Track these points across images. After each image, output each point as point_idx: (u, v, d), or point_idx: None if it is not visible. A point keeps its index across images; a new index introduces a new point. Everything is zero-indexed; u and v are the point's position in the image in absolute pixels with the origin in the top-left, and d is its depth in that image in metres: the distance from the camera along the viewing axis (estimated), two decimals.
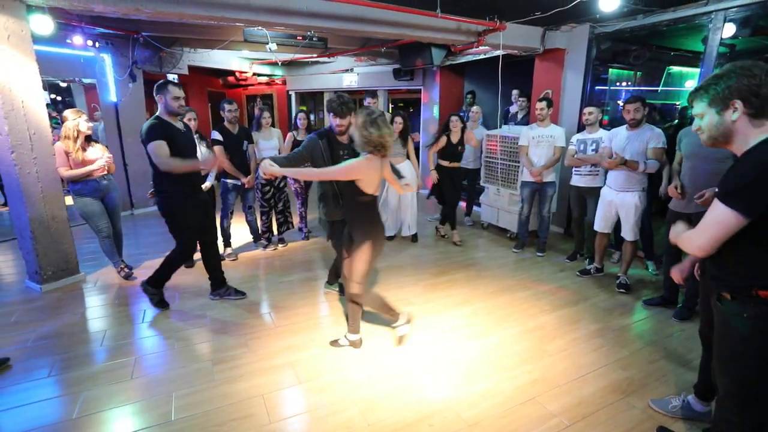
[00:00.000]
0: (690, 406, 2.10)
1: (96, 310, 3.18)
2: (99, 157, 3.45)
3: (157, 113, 2.91)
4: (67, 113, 3.33)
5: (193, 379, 2.37)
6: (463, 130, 4.66)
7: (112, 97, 5.68)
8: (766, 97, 1.27)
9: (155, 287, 3.15)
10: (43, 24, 3.29)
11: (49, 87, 7.23)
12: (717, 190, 1.35)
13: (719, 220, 1.28)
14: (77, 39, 4.70)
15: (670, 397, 2.19)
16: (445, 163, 4.72)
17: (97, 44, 5.07)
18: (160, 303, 3.17)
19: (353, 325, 2.67)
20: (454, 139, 4.63)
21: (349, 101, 2.69)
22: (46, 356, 2.55)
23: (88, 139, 3.45)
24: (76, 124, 3.30)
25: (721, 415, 1.51)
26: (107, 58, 5.51)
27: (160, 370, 2.45)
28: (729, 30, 3.60)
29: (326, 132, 2.79)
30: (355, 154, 2.51)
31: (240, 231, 4.78)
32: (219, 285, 3.35)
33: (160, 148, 2.76)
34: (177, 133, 2.91)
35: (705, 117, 1.39)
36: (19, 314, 3.07)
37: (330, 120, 2.74)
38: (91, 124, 3.44)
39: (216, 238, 3.33)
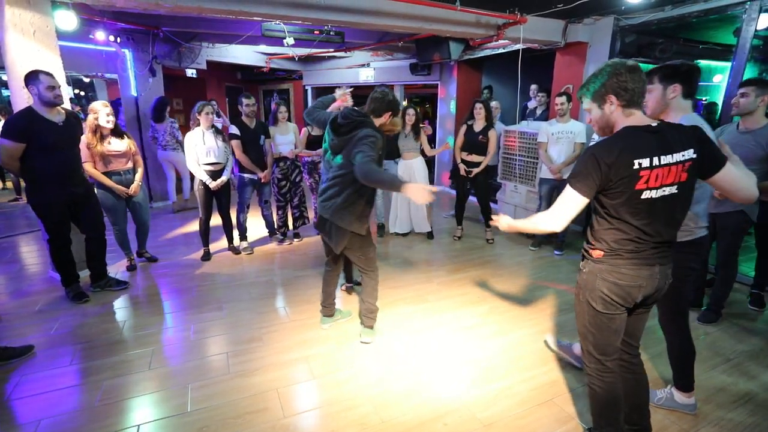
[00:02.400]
0: (673, 397, 2.14)
1: (116, 301, 3.24)
2: (123, 149, 3.42)
3: (31, 104, 2.81)
4: (93, 105, 3.31)
5: (208, 371, 2.39)
6: (488, 119, 4.30)
7: (133, 91, 5.78)
8: (633, 90, 1.45)
9: (65, 285, 3.18)
10: (67, 20, 3.35)
11: (73, 82, 7.42)
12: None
13: (568, 200, 1.49)
14: (99, 35, 4.79)
15: (656, 389, 2.19)
16: (463, 155, 4.40)
17: (118, 40, 5.16)
18: (76, 297, 3.15)
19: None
20: (477, 127, 4.33)
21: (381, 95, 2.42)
22: (68, 345, 2.62)
23: (114, 132, 3.40)
24: (95, 117, 3.27)
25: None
26: (128, 54, 5.60)
27: (177, 361, 2.49)
28: (765, 21, 3.44)
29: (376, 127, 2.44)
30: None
31: (256, 225, 4.82)
32: (98, 277, 3.35)
33: (5, 149, 2.71)
34: (46, 127, 2.79)
35: (591, 111, 1.56)
36: (42, 303, 3.15)
37: (384, 117, 2.43)
38: (112, 118, 3.36)
39: (100, 233, 3.28)
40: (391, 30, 4.28)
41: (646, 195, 1.43)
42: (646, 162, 1.40)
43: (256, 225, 4.82)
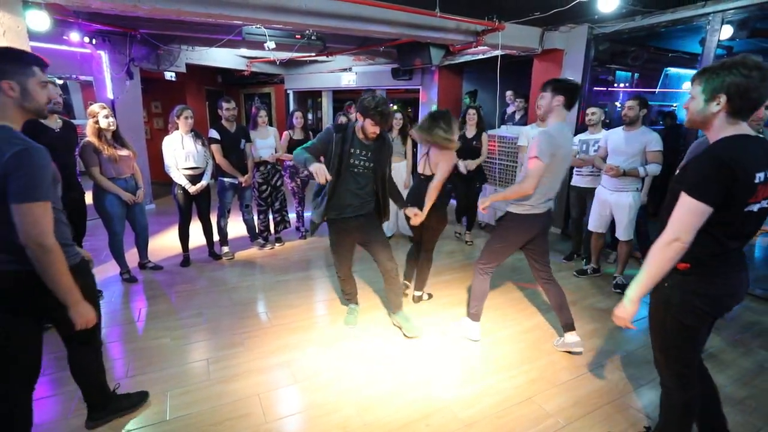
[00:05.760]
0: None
1: None
2: (127, 154, 3.35)
3: None
4: (91, 109, 3.18)
5: (188, 377, 2.35)
6: (479, 125, 4.42)
7: (109, 94, 5.64)
8: (749, 101, 1.33)
9: None
10: (40, 20, 3.26)
11: None
12: (679, 180, 1.43)
13: (693, 211, 1.35)
14: (74, 36, 4.67)
15: None
16: (458, 162, 4.40)
17: (94, 41, 5.04)
18: None
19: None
20: (469, 133, 4.42)
21: (390, 112, 2.53)
22: None
23: (116, 137, 3.31)
24: (95, 120, 3.14)
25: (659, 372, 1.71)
26: (104, 56, 5.47)
27: (156, 368, 2.43)
28: (726, 32, 3.62)
29: (344, 127, 2.61)
30: (377, 152, 2.59)
31: (237, 230, 4.76)
32: None
33: None
34: (43, 132, 2.73)
35: (695, 100, 1.44)
36: None
37: (359, 120, 2.54)
38: (113, 119, 3.24)
39: (80, 237, 3.16)
40: (372, 35, 4.32)
41: (748, 209, 1.38)
42: (762, 176, 1.33)
43: (237, 230, 4.77)
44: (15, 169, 1.36)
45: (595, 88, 5.19)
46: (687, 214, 1.35)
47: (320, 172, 2.28)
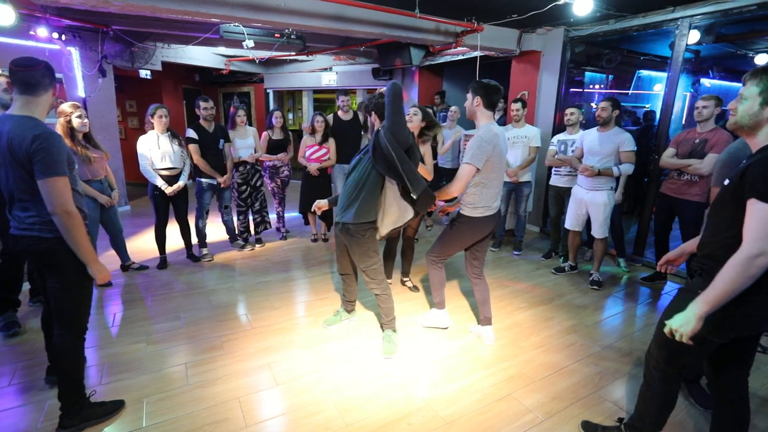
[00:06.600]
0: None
1: None
2: (100, 155, 3.25)
3: None
4: (62, 108, 3.01)
5: (165, 383, 2.30)
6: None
7: (80, 92, 5.46)
8: None
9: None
10: (4, 14, 3.14)
11: None
12: (747, 185, 1.30)
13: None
14: (41, 31, 4.50)
15: None
16: None
17: (63, 37, 4.86)
18: (6, 327, 2.72)
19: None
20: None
21: (365, 101, 2.51)
22: (6, 364, 2.43)
23: (87, 137, 3.18)
24: (66, 119, 2.98)
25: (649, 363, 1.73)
26: (75, 52, 5.29)
27: (131, 375, 2.37)
28: (694, 36, 3.76)
29: None
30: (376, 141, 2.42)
31: (216, 231, 4.68)
32: (39, 291, 2.90)
33: None
34: None
35: (746, 102, 1.36)
36: None
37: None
38: (86, 120, 3.11)
39: None
40: (352, 35, 4.31)
41: None
42: None
43: (216, 231, 4.69)
44: (36, 150, 1.65)
45: (571, 90, 5.31)
46: None
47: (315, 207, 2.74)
